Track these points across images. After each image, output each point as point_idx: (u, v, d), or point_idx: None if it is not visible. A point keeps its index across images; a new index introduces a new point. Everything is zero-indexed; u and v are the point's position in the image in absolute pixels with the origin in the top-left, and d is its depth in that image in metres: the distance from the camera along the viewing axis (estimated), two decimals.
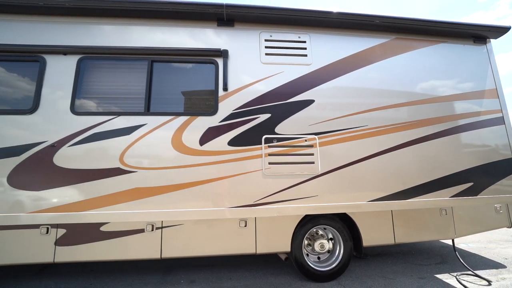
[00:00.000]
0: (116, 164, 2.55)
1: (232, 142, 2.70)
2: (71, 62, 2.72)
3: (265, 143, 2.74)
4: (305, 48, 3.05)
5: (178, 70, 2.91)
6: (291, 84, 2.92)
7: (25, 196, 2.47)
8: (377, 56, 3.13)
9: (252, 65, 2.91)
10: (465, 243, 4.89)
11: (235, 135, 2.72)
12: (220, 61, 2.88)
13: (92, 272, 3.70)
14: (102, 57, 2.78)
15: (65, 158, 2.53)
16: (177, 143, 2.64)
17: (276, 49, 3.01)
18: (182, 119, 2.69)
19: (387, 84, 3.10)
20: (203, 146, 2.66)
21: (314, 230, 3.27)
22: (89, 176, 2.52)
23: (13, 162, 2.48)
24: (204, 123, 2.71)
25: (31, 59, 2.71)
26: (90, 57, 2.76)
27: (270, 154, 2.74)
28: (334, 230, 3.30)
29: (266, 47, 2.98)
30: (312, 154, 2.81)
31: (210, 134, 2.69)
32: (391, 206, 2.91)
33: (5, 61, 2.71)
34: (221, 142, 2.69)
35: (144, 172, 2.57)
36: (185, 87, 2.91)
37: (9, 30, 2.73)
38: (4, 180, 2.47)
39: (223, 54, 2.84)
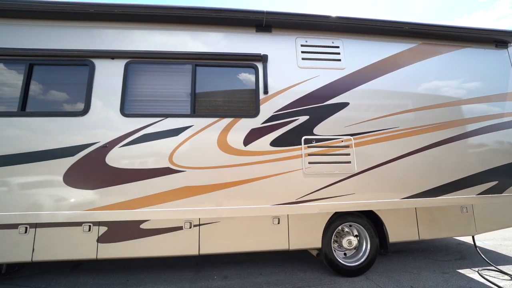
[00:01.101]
0: (166, 164, 2.67)
1: (274, 143, 2.84)
2: (119, 66, 2.83)
3: (304, 144, 2.88)
4: (338, 53, 3.20)
5: (220, 74, 3.04)
6: (326, 88, 3.06)
7: (80, 194, 2.58)
8: (405, 61, 3.29)
9: (290, 69, 3.05)
10: (480, 240, 5.05)
11: (277, 136, 2.86)
12: (259, 65, 3.01)
13: (125, 269, 3.79)
14: (148, 61, 2.89)
15: (117, 158, 2.64)
16: (223, 144, 2.76)
17: (311, 54, 3.15)
18: (227, 121, 2.82)
19: (415, 87, 3.26)
20: (247, 146, 2.79)
21: (340, 227, 3.40)
22: (140, 175, 2.64)
23: (68, 162, 2.59)
24: (247, 124, 2.85)
25: (80, 63, 2.82)
26: (136, 61, 2.87)
27: (309, 154, 2.88)
28: (361, 227, 3.43)
29: (302, 52, 3.13)
30: (349, 154, 2.95)
31: (253, 135, 2.82)
32: (424, 203, 3.06)
33: (57, 65, 2.82)
34: (264, 142, 2.82)
35: (193, 171, 2.69)
36: (227, 90, 3.03)
37: (59, 35, 2.84)
38: (60, 179, 2.58)
39: (263, 58, 2.98)
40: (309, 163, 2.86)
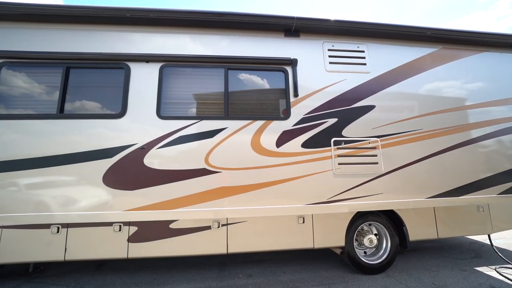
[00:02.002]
0: (202, 165, 2.74)
1: (305, 144, 2.92)
2: (153, 69, 2.90)
3: (334, 145, 2.97)
4: (364, 57, 3.30)
5: (251, 77, 3.11)
6: (353, 91, 3.16)
7: (120, 195, 2.64)
8: (427, 65, 3.40)
9: (318, 72, 3.14)
10: (492, 239, 5.18)
11: (308, 137, 2.94)
12: (289, 69, 3.10)
13: (149, 268, 3.84)
14: (182, 65, 2.97)
15: (155, 159, 2.71)
16: (256, 145, 2.84)
17: (338, 58, 3.25)
18: (259, 123, 2.90)
19: (436, 90, 3.38)
20: (279, 148, 2.87)
21: (360, 227, 3.49)
22: (178, 176, 2.70)
23: (107, 163, 2.65)
24: (279, 126, 2.93)
25: (116, 66, 2.88)
26: (171, 64, 2.94)
27: (339, 156, 2.97)
28: (381, 226, 3.53)
29: (329, 56, 3.22)
30: (376, 155, 3.05)
31: (285, 137, 2.90)
32: (448, 202, 3.17)
33: (93, 68, 2.88)
34: (295, 144, 2.91)
35: (228, 172, 2.76)
36: (259, 93, 3.11)
37: (96, 39, 2.90)
38: (100, 180, 2.64)
39: (293, 62, 3.07)
40: (339, 164, 2.95)
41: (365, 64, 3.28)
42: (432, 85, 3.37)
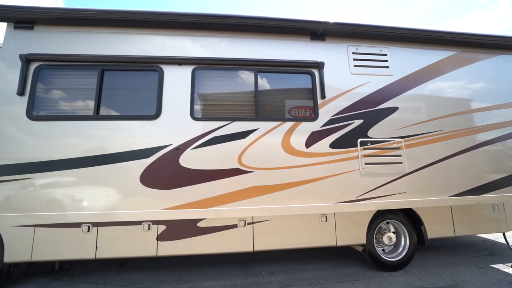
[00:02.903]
0: (235, 165, 2.83)
1: (333, 145, 3.02)
2: (186, 71, 2.98)
3: (360, 146, 3.07)
4: (386, 61, 3.40)
5: (279, 80, 3.21)
6: (377, 93, 3.26)
7: (156, 194, 2.72)
8: (446, 68, 3.51)
9: (343, 75, 3.25)
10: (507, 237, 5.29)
11: (335, 138, 3.04)
12: (316, 72, 3.20)
13: (172, 266, 3.91)
14: (213, 68, 3.05)
15: (190, 159, 2.79)
16: (287, 146, 2.94)
17: (362, 61, 3.35)
18: (289, 124, 3.00)
19: (455, 92, 3.49)
20: (309, 148, 2.97)
21: (379, 225, 3.58)
22: (212, 175, 2.79)
23: (144, 163, 2.73)
24: (307, 127, 3.03)
25: (150, 69, 2.96)
26: (202, 67, 3.03)
27: (365, 156, 3.07)
28: (400, 224, 3.63)
29: (354, 59, 3.32)
30: (400, 156, 3.15)
31: (314, 138, 3.00)
32: (470, 201, 3.27)
33: (127, 70, 2.96)
34: (324, 144, 3.01)
35: (260, 172, 2.85)
36: (287, 95, 3.21)
37: (130, 42, 2.98)
38: (137, 179, 2.72)
39: (320, 65, 3.17)
40: (365, 164, 3.05)
41: (387, 67, 3.38)
42: (451, 87, 3.48)
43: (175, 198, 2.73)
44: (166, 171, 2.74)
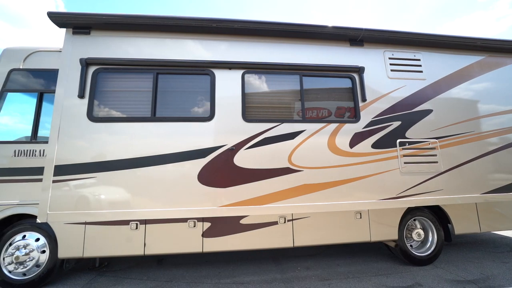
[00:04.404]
0: (286, 164, 2.99)
1: (374, 145, 3.21)
2: (236, 75, 3.14)
3: (399, 146, 3.26)
4: (420, 65, 3.60)
5: (322, 83, 3.38)
6: (412, 96, 3.45)
7: (213, 192, 2.87)
8: (475, 72, 3.72)
9: (381, 79, 3.43)
10: None
11: (377, 139, 3.23)
12: (356, 76, 3.38)
13: (208, 263, 4.05)
14: (261, 72, 3.21)
15: (244, 159, 2.94)
16: (332, 146, 3.11)
17: (398, 66, 3.54)
18: (333, 125, 3.17)
19: (484, 95, 3.69)
20: (352, 148, 3.14)
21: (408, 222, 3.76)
22: (265, 174, 2.95)
23: (201, 162, 2.88)
24: (351, 129, 3.20)
25: (202, 72, 3.11)
26: (251, 71, 3.18)
27: (404, 155, 3.25)
28: (428, 220, 3.82)
29: (390, 64, 3.51)
30: (436, 155, 3.34)
31: (357, 138, 3.18)
32: (503, 198, 3.46)
33: (180, 74, 3.10)
34: (366, 145, 3.19)
35: (309, 171, 3.02)
36: (329, 97, 3.38)
37: (183, 47, 3.12)
38: (195, 178, 2.86)
39: (361, 70, 3.35)
40: (404, 163, 3.24)
41: (421, 71, 3.57)
42: (480, 90, 3.68)
43: (232, 195, 2.88)
44: (222, 170, 2.89)
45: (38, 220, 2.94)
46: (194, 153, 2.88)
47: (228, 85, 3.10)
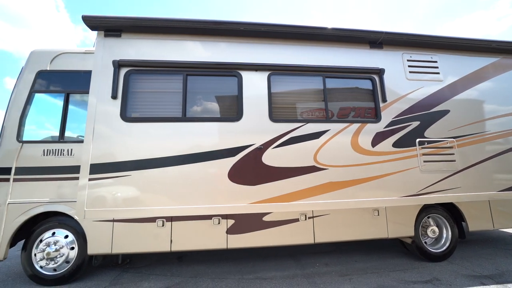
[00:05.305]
0: (312, 162, 3.10)
1: (395, 144, 3.32)
2: (262, 77, 3.24)
3: (419, 145, 3.37)
4: (437, 67, 3.71)
5: (343, 84, 3.50)
6: (430, 97, 3.57)
7: (243, 189, 2.97)
8: (490, 73, 3.84)
9: (400, 81, 3.54)
10: None
11: (397, 138, 3.34)
12: (376, 77, 3.49)
13: (228, 259, 4.15)
14: (286, 73, 3.32)
15: (271, 158, 3.05)
16: (356, 145, 3.22)
17: (415, 68, 3.65)
18: (356, 125, 3.29)
19: (499, 96, 3.81)
20: (374, 147, 3.26)
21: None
22: (292, 172, 3.06)
23: (231, 161, 2.98)
24: (372, 128, 3.32)
25: (230, 74, 3.21)
26: (276, 73, 3.29)
27: (423, 154, 3.37)
28: (442, 218, 3.94)
29: (409, 66, 3.62)
30: (453, 154, 3.46)
31: (378, 138, 3.29)
32: None
33: (210, 75, 3.21)
34: (387, 144, 3.30)
35: (334, 169, 3.13)
36: (351, 98, 3.50)
37: (211, 49, 3.23)
38: (226, 176, 2.96)
39: (381, 71, 3.46)
40: (424, 161, 3.35)
41: (438, 73, 3.69)
42: (495, 91, 3.81)
43: (261, 193, 2.98)
44: (251, 169, 2.99)
45: (76, 217, 3.03)
46: (224, 152, 2.99)
47: (254, 86, 3.20)
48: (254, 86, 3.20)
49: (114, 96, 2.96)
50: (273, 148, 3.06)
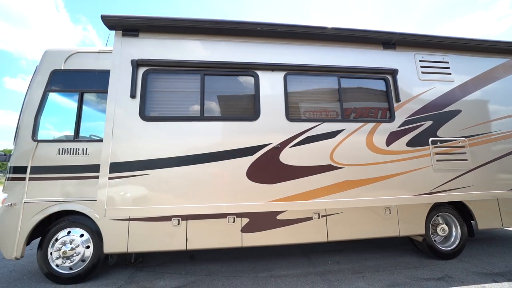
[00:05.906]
0: (328, 161, 3.14)
1: (409, 143, 3.37)
2: (279, 77, 3.27)
3: (431, 144, 3.42)
4: (448, 68, 3.76)
5: (357, 84, 3.54)
6: (442, 97, 3.62)
7: (261, 188, 3.00)
8: (500, 74, 3.90)
9: (413, 81, 3.59)
10: None
11: (411, 137, 3.39)
12: (389, 77, 3.53)
13: (238, 258, 4.18)
14: (302, 73, 3.35)
15: (289, 157, 3.08)
16: (370, 144, 3.26)
17: (428, 68, 3.70)
18: (371, 125, 3.33)
19: (511, 95, 3.86)
20: (389, 146, 3.30)
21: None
22: (309, 171, 3.09)
23: (249, 160, 3.01)
24: (386, 128, 3.36)
25: (247, 74, 3.24)
26: (292, 73, 3.32)
27: (436, 153, 3.42)
28: (451, 216, 4.01)
29: (421, 66, 3.67)
30: (465, 153, 3.52)
31: (392, 137, 3.34)
32: None
33: (227, 75, 3.23)
34: (401, 143, 3.35)
35: (350, 168, 3.17)
36: (364, 98, 3.54)
37: (228, 49, 3.25)
38: (244, 175, 2.99)
39: (395, 72, 3.50)
40: (437, 160, 3.40)
41: (450, 73, 3.74)
42: (505, 91, 3.87)
43: (278, 191, 3.01)
44: (269, 167, 3.02)
45: (97, 216, 3.04)
46: (242, 151, 3.01)
47: (271, 86, 3.23)
48: (271, 86, 3.23)
49: (133, 95, 2.97)
50: (290, 147, 3.10)
